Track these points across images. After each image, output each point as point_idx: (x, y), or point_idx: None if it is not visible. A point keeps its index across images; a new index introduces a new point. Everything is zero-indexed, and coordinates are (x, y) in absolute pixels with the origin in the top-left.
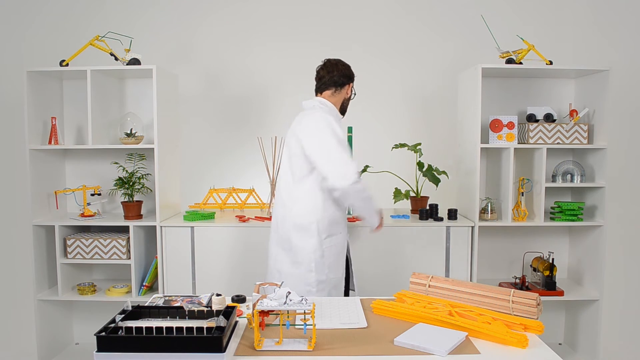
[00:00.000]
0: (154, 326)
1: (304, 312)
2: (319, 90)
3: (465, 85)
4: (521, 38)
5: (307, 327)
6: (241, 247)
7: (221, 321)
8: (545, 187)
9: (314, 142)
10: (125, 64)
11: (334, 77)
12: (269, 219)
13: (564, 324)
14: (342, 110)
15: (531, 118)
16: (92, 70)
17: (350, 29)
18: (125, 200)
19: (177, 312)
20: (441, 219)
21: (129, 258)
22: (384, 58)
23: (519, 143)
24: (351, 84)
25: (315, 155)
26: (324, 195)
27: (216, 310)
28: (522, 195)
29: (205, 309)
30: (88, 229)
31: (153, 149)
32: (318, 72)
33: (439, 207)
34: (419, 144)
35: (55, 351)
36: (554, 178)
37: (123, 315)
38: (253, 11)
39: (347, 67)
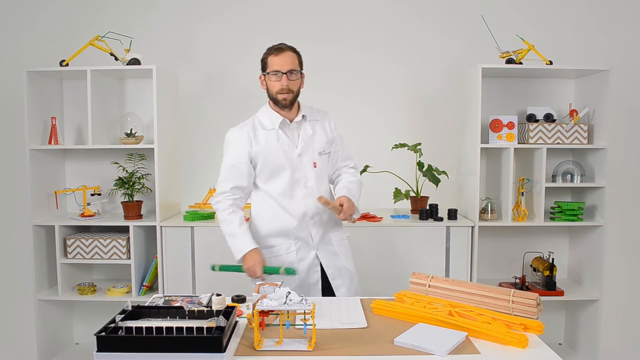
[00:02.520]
0: (154, 326)
1: (304, 312)
2: None
3: (465, 85)
4: (521, 38)
5: (307, 327)
6: None
7: (221, 321)
8: (545, 187)
9: None
10: (125, 64)
11: None
12: None
13: (564, 324)
14: (275, 102)
15: (531, 118)
16: (92, 70)
17: (349, 29)
18: (125, 200)
19: (177, 312)
20: (441, 219)
21: (129, 258)
22: (384, 58)
23: (519, 143)
24: (261, 76)
25: None
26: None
27: (216, 310)
28: (522, 195)
29: (205, 309)
30: (88, 229)
31: (153, 149)
32: None
33: (439, 207)
34: (419, 144)
35: (55, 351)
36: (554, 178)
37: (123, 315)
38: (253, 11)
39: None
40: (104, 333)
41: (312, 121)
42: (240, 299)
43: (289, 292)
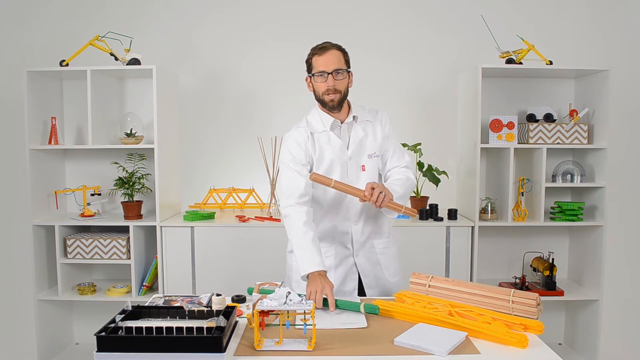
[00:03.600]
0: (154, 326)
1: (304, 312)
2: None
3: (465, 85)
4: (521, 38)
5: (307, 327)
6: (241, 247)
7: (221, 321)
8: (545, 187)
9: None
10: (125, 64)
11: None
12: (269, 219)
13: (564, 324)
14: (323, 103)
15: (531, 118)
16: (92, 70)
17: (350, 28)
18: (125, 200)
19: (177, 312)
20: (441, 219)
21: (129, 258)
22: (384, 58)
23: (519, 143)
24: (307, 78)
25: None
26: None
27: (216, 310)
28: (522, 195)
29: (205, 309)
30: (88, 229)
31: (153, 149)
32: None
33: (439, 207)
34: (419, 144)
35: (55, 351)
36: (554, 178)
37: (123, 315)
38: (253, 11)
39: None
40: (104, 333)
41: (363, 122)
42: (240, 299)
43: (289, 292)
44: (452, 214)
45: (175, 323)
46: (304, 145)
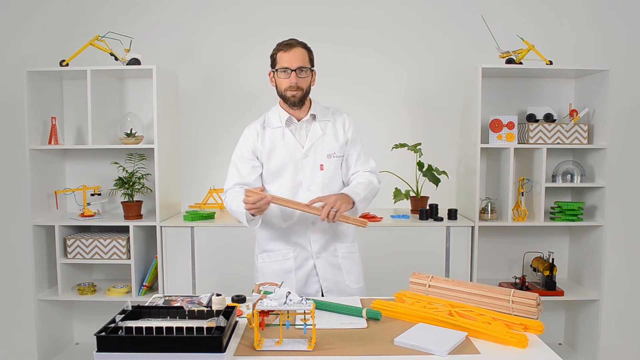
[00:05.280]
0: (154, 326)
1: (304, 312)
2: None
3: (465, 85)
4: (521, 38)
5: (307, 327)
6: (241, 247)
7: (221, 321)
8: (545, 187)
9: None
10: (125, 64)
11: None
12: None
13: (564, 324)
14: (285, 99)
15: (531, 118)
16: (92, 70)
17: (349, 28)
18: (125, 200)
19: (177, 312)
20: (441, 219)
21: (129, 258)
22: (384, 57)
23: (519, 143)
24: (270, 72)
25: None
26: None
27: (216, 310)
28: (522, 195)
29: (205, 309)
30: (88, 229)
31: (153, 149)
32: None
33: (439, 207)
34: (419, 144)
35: (55, 351)
36: (554, 178)
37: (123, 315)
38: (253, 10)
39: None
40: (104, 333)
41: (323, 121)
42: (240, 299)
43: (289, 292)
44: (452, 214)
45: (175, 323)
46: (251, 143)
